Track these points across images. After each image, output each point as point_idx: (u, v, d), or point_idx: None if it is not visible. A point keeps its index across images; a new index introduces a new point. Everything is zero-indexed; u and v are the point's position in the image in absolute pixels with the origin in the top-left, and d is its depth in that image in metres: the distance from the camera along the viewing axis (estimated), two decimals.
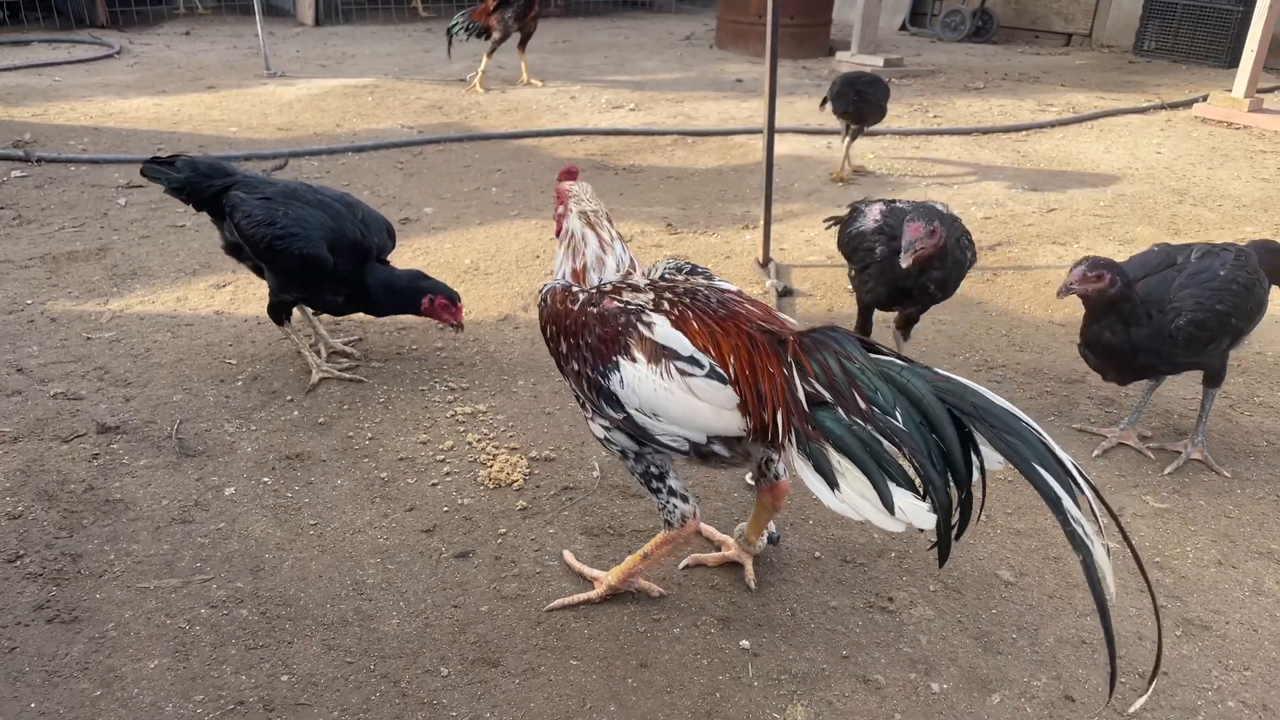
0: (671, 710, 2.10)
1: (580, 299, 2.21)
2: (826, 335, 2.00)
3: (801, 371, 1.96)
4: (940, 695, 2.16)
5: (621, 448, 2.21)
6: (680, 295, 2.16)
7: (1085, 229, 5.17)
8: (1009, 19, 11.97)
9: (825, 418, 1.91)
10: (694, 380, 2.03)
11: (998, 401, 1.83)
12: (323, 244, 3.19)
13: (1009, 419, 1.79)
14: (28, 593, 2.39)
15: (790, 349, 2.00)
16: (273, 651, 2.24)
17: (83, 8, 10.63)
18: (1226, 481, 2.98)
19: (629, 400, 2.09)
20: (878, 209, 3.22)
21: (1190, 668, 2.25)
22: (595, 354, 2.13)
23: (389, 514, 2.74)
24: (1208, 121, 7.56)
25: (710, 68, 9.57)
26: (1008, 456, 1.75)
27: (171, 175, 3.38)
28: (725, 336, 2.07)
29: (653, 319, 2.10)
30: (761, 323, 2.10)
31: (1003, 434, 1.77)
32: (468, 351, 3.71)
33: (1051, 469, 1.71)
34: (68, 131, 6.53)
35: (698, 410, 2.04)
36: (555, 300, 2.25)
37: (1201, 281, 2.84)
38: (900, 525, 1.82)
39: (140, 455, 2.98)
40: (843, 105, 5.60)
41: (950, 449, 1.81)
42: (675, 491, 2.24)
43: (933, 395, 1.84)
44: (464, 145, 6.56)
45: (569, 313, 2.20)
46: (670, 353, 2.06)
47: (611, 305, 2.16)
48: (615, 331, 2.12)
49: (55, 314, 3.91)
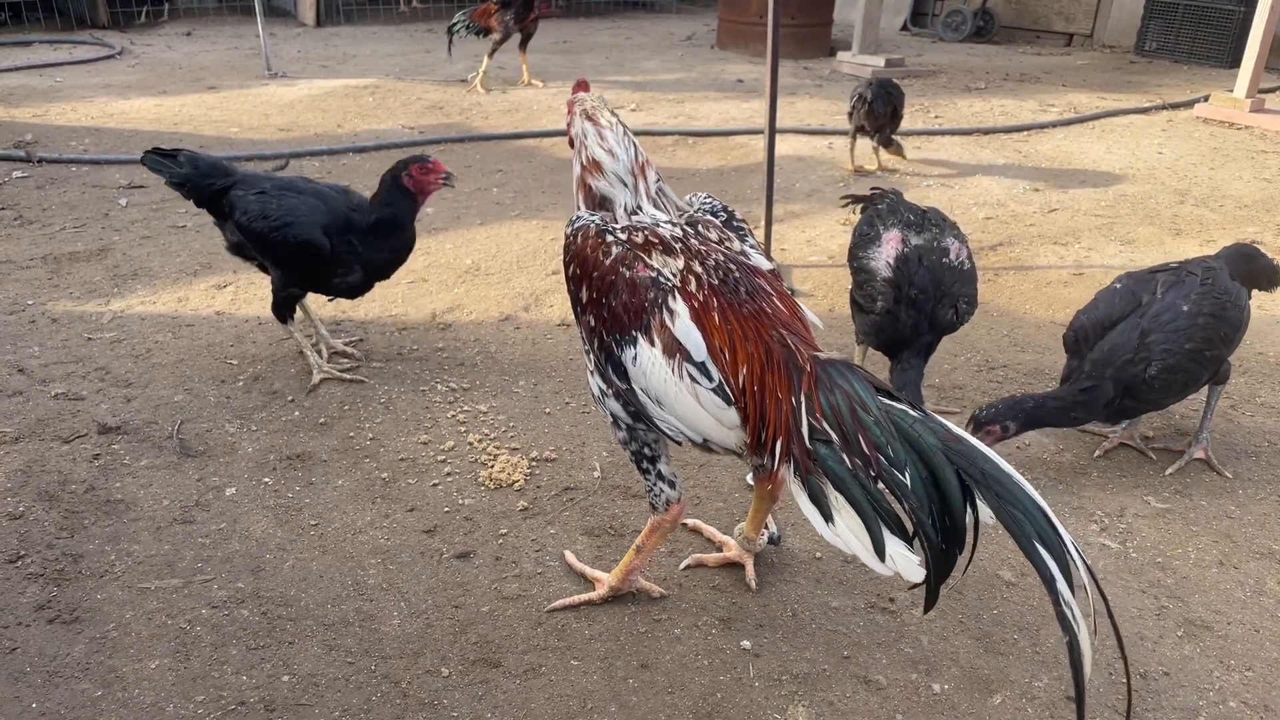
0: (672, 711, 2.10)
1: (614, 252, 2.08)
2: (844, 375, 1.94)
3: (810, 407, 1.92)
4: (941, 696, 2.16)
5: (614, 416, 2.17)
6: (710, 272, 2.08)
7: (1087, 229, 5.17)
8: (1010, 19, 11.97)
9: (828, 456, 1.88)
10: (701, 390, 2.01)
11: (1006, 469, 1.78)
12: (317, 229, 3.20)
13: (1017, 491, 1.75)
14: (29, 593, 2.39)
15: (805, 381, 1.95)
16: (274, 652, 2.24)
17: (84, 8, 10.64)
18: (1228, 482, 2.98)
19: (636, 379, 2.06)
20: (892, 248, 3.05)
21: (1192, 668, 2.25)
22: (616, 321, 2.06)
23: (390, 514, 2.74)
24: (1209, 122, 7.55)
25: (711, 68, 9.57)
26: (1009, 529, 1.73)
27: (174, 169, 3.39)
28: (743, 341, 2.01)
29: (676, 307, 2.03)
30: (784, 330, 2.04)
31: (1008, 506, 1.74)
32: (469, 352, 3.71)
33: (1051, 548, 1.69)
34: (69, 132, 6.53)
35: (700, 416, 2.03)
36: (586, 243, 2.11)
37: (1165, 324, 2.78)
38: (888, 571, 1.81)
39: (141, 456, 2.99)
40: (883, 106, 5.72)
41: (953, 512, 1.78)
42: (664, 476, 2.22)
43: (943, 455, 1.80)
44: (465, 146, 6.56)
45: (599, 264, 2.08)
46: (684, 352, 2.01)
47: (644, 274, 2.05)
48: (641, 305, 2.03)
49: (56, 314, 3.91)
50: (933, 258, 3.00)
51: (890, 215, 3.19)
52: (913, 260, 3.01)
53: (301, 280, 3.36)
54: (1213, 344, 2.80)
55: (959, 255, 3.06)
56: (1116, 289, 2.99)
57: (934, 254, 3.01)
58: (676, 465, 2.30)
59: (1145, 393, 2.81)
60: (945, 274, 2.99)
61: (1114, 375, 2.79)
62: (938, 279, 2.99)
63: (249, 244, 3.33)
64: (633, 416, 2.15)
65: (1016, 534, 1.71)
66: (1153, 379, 2.77)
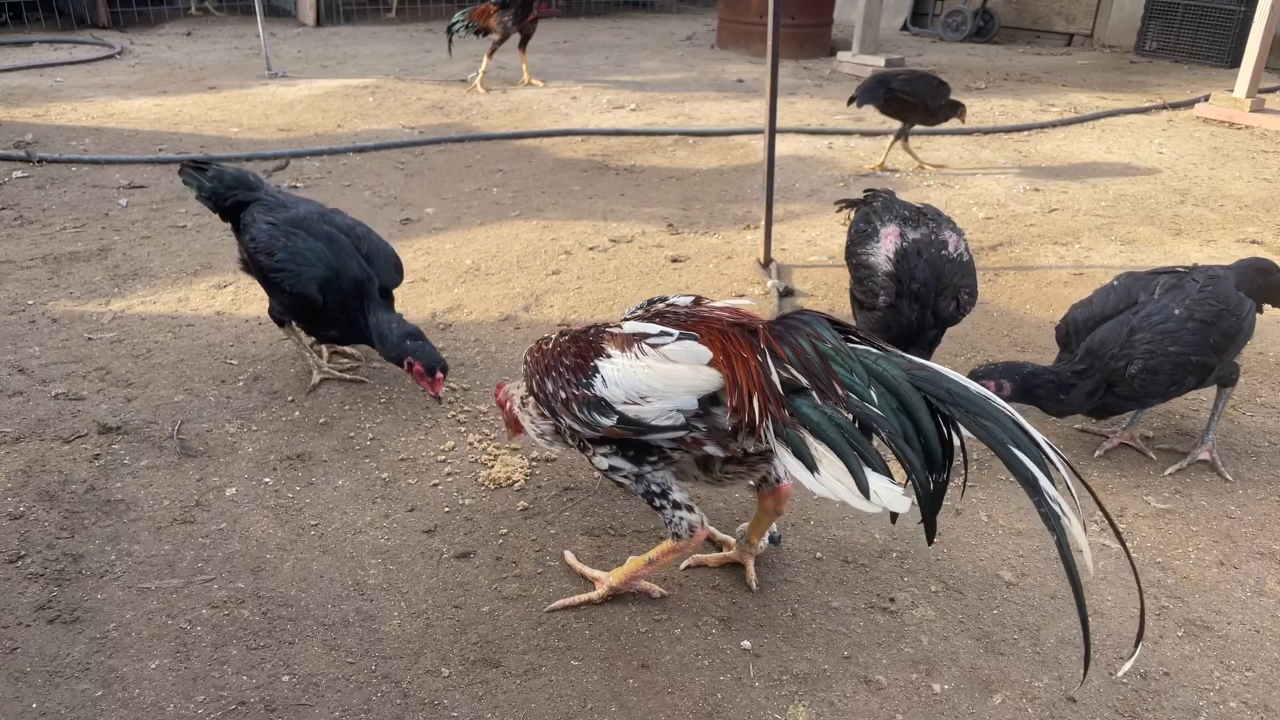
0: (673, 711, 2.10)
1: (552, 339, 2.34)
2: (798, 320, 2.04)
3: (775, 358, 1.99)
4: (942, 696, 2.16)
5: (625, 472, 2.24)
6: (650, 316, 2.25)
7: (1087, 229, 5.17)
8: (1010, 19, 11.96)
9: (802, 404, 1.95)
10: (667, 347, 2.08)
11: (972, 387, 1.86)
12: (314, 285, 3.13)
13: (983, 403, 1.83)
14: (29, 593, 2.40)
15: (761, 336, 2.03)
16: (274, 652, 2.24)
17: (84, 8, 10.64)
18: (1228, 482, 2.98)
19: (614, 396, 2.11)
20: (891, 242, 3.06)
21: (1192, 668, 2.25)
22: (576, 371, 2.19)
23: (390, 514, 2.74)
24: (1209, 122, 7.55)
25: (711, 68, 9.57)
26: (984, 440, 1.79)
27: (203, 183, 3.39)
28: (694, 327, 2.13)
29: (620, 322, 2.23)
30: (730, 318, 2.14)
31: (978, 418, 1.81)
32: (469, 352, 3.71)
33: (1027, 450, 1.76)
34: (69, 132, 6.53)
35: (678, 373, 2.07)
36: (533, 354, 2.37)
37: (1154, 324, 2.79)
38: (876, 508, 1.85)
39: (141, 456, 2.99)
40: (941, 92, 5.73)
41: (926, 433, 1.86)
42: (680, 504, 2.24)
43: (908, 382, 1.89)
44: (465, 146, 6.56)
45: (545, 353, 2.31)
46: (640, 335, 2.13)
47: (581, 328, 2.28)
48: (588, 343, 2.21)
49: (56, 314, 3.91)
50: (932, 251, 3.00)
51: (886, 211, 3.20)
52: (912, 254, 3.01)
53: (290, 317, 3.35)
54: (1201, 350, 2.78)
55: (957, 248, 3.07)
56: (1114, 286, 3.00)
57: (933, 247, 3.02)
58: None
59: (1125, 390, 2.83)
60: (945, 266, 2.99)
61: (1100, 367, 2.82)
62: (938, 272, 2.99)
63: (252, 266, 3.34)
64: (636, 462, 2.21)
65: (991, 442, 1.78)
66: (1132, 377, 2.78)
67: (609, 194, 5.62)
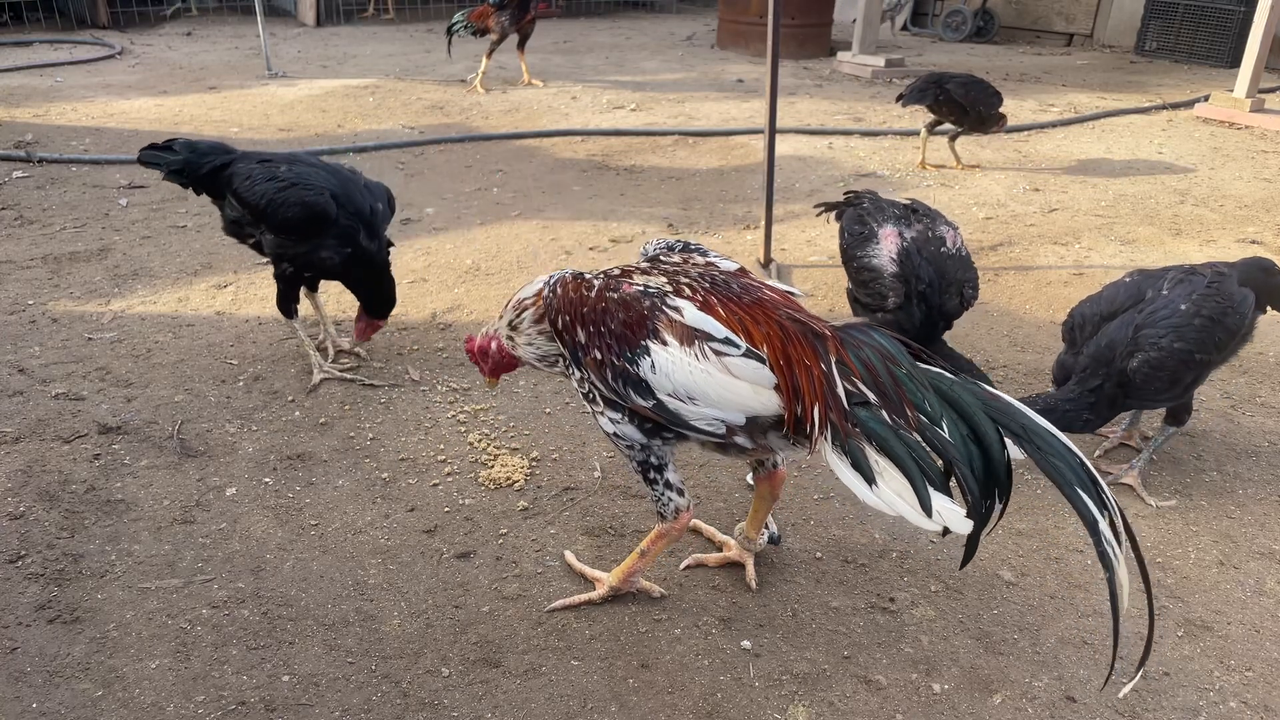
0: (673, 711, 2.10)
1: (596, 285, 2.13)
2: (869, 335, 2.00)
3: (844, 369, 1.96)
4: (941, 696, 2.16)
5: (629, 441, 2.17)
6: (696, 280, 2.11)
7: (1087, 229, 5.17)
8: (1010, 19, 11.97)
9: (868, 418, 1.92)
10: (731, 360, 1.99)
11: (1043, 424, 1.87)
12: (327, 193, 3.19)
13: (1055, 443, 1.85)
14: (29, 593, 2.40)
15: (831, 345, 1.99)
16: (274, 652, 2.24)
17: (84, 8, 10.64)
18: (1228, 481, 2.98)
19: (661, 385, 2.02)
20: (892, 243, 3.03)
21: (1192, 668, 2.25)
22: (621, 340, 2.05)
23: (390, 514, 2.74)
24: (1209, 122, 7.55)
25: (711, 68, 9.57)
26: (1052, 478, 1.81)
27: (169, 158, 3.38)
28: (755, 324, 2.03)
29: (678, 303, 2.05)
30: (788, 310, 2.07)
31: (1049, 456, 1.83)
32: None
33: (1091, 494, 1.80)
34: (69, 132, 6.53)
35: (737, 390, 2.00)
36: (567, 289, 2.15)
37: (1160, 319, 2.75)
38: (936, 526, 1.85)
39: (141, 456, 2.99)
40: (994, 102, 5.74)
41: (995, 463, 1.86)
42: (672, 485, 2.22)
43: (983, 413, 1.88)
44: (465, 146, 6.56)
45: (585, 300, 2.11)
46: (703, 335, 2.01)
47: (631, 290, 2.09)
48: (641, 315, 2.05)
49: (57, 314, 3.91)
50: (931, 249, 2.99)
51: (879, 212, 3.17)
52: (913, 253, 3.00)
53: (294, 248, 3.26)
54: (1205, 347, 2.75)
55: (955, 243, 3.06)
56: (1125, 282, 2.96)
57: (931, 244, 3.01)
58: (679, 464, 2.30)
59: (1130, 387, 2.80)
60: (946, 263, 2.98)
61: (1113, 373, 2.77)
62: (940, 269, 2.98)
63: (247, 215, 3.27)
64: (648, 434, 2.14)
65: (1060, 482, 1.81)
66: (1134, 371, 2.73)
67: (609, 194, 5.62)
